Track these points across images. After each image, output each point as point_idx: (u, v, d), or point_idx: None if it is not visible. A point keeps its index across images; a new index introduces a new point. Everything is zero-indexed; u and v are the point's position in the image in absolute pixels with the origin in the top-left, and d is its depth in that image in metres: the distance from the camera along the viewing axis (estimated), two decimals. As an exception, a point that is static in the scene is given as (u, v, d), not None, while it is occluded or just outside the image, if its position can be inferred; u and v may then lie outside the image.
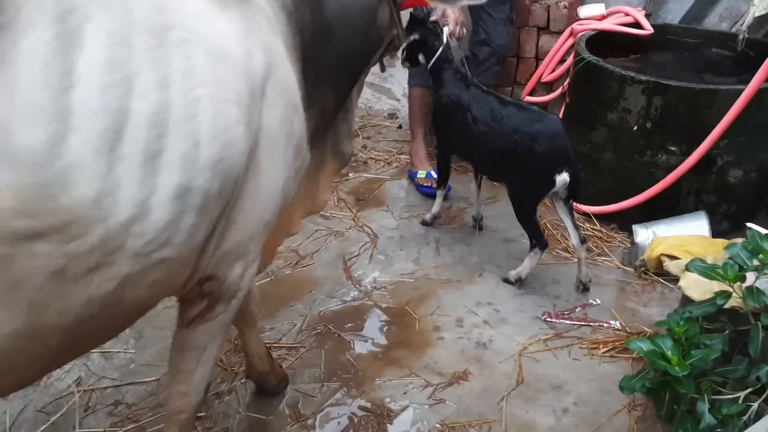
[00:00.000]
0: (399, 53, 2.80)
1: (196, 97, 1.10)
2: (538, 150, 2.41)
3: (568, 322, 2.45)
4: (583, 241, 2.55)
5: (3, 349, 0.98)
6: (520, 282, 2.62)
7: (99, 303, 1.07)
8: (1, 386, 1.07)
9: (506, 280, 2.64)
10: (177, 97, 1.08)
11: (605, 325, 2.44)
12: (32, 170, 0.94)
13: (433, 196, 3.21)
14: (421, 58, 2.80)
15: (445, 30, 2.84)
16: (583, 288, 2.58)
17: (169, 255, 1.12)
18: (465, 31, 3.01)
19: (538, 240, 2.56)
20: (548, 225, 2.95)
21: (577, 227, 2.56)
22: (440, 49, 2.71)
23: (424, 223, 3.02)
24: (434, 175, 3.28)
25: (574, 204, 2.59)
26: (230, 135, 1.13)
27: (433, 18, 2.82)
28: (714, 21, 3.50)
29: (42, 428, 1.93)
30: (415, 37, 2.77)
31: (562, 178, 2.41)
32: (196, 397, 1.54)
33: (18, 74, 0.93)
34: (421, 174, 3.32)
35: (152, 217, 1.06)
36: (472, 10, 3.32)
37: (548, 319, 2.45)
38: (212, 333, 1.46)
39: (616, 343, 2.33)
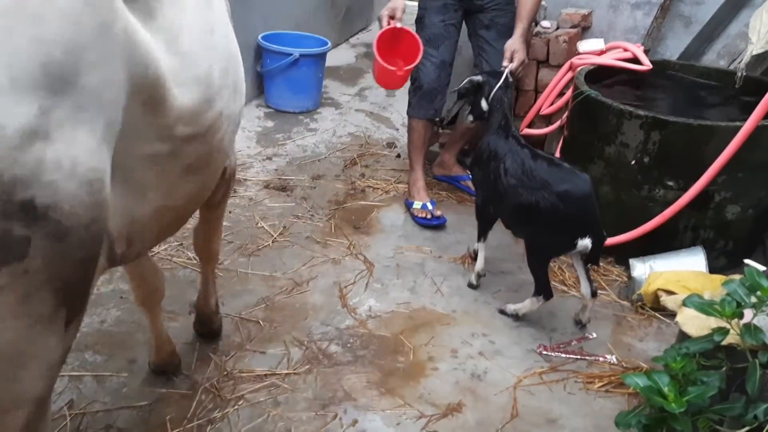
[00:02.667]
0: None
1: (236, 43, 1.62)
2: (562, 210, 2.34)
3: (564, 355, 2.43)
4: (593, 294, 2.50)
5: (145, 221, 1.34)
6: (515, 317, 2.60)
7: (198, 188, 1.55)
8: (136, 249, 1.41)
9: (502, 312, 2.63)
10: (236, 44, 1.61)
11: (601, 359, 2.42)
12: (202, 90, 1.36)
13: (429, 227, 3.20)
14: (483, 104, 2.72)
15: (511, 66, 2.90)
16: (581, 325, 2.57)
17: (231, 156, 1.78)
18: (521, 70, 3.11)
19: (544, 291, 2.50)
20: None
21: (590, 279, 2.49)
22: (497, 87, 2.69)
23: (471, 285, 2.79)
24: (430, 206, 3.26)
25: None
26: None
27: (504, 62, 2.95)
28: (712, 58, 3.54)
29: (30, 452, 1.89)
30: (478, 79, 2.74)
31: (584, 243, 2.34)
32: (220, 239, 2.31)
33: (188, 22, 1.34)
34: (417, 204, 3.30)
35: (232, 127, 1.58)
36: (475, 42, 3.35)
37: (544, 352, 2.44)
38: (227, 203, 2.18)
39: (612, 378, 2.32)
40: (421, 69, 3.24)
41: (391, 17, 3.04)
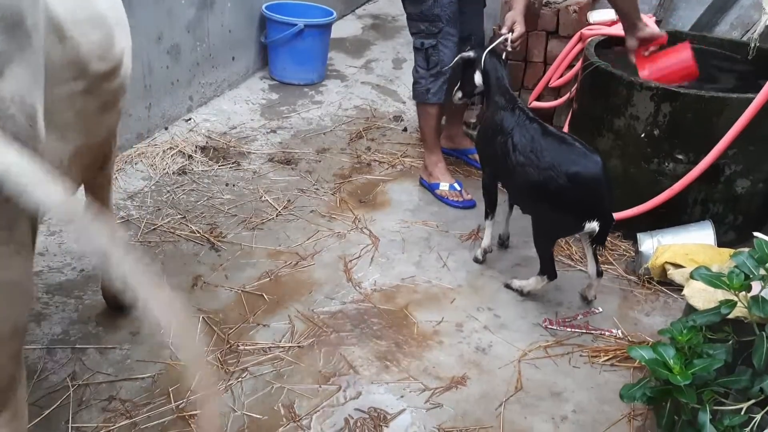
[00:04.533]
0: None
1: None
2: (571, 194, 2.27)
3: (569, 329, 2.42)
4: (599, 274, 2.47)
5: (68, 162, 1.45)
6: (520, 293, 2.58)
7: (107, 129, 1.69)
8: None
9: (508, 286, 2.61)
10: None
11: (606, 333, 2.41)
12: (105, 27, 1.48)
13: (462, 209, 3.13)
14: (477, 78, 2.68)
15: (510, 36, 2.76)
16: (587, 301, 2.55)
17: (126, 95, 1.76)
18: (518, 45, 2.90)
19: (549, 272, 2.47)
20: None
21: (597, 259, 2.46)
22: (486, 58, 2.63)
23: (476, 260, 2.79)
24: (458, 187, 3.19)
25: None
26: None
27: (504, 30, 2.78)
28: (725, 29, 3.48)
29: (34, 422, 1.90)
30: (470, 54, 2.69)
31: (591, 226, 2.28)
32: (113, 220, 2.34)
33: None
34: (444, 186, 3.20)
35: (129, 64, 1.69)
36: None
37: (549, 326, 2.42)
38: (114, 165, 2.15)
39: (617, 352, 2.30)
40: (443, 51, 3.05)
41: None
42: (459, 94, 2.83)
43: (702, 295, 1.88)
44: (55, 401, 1.98)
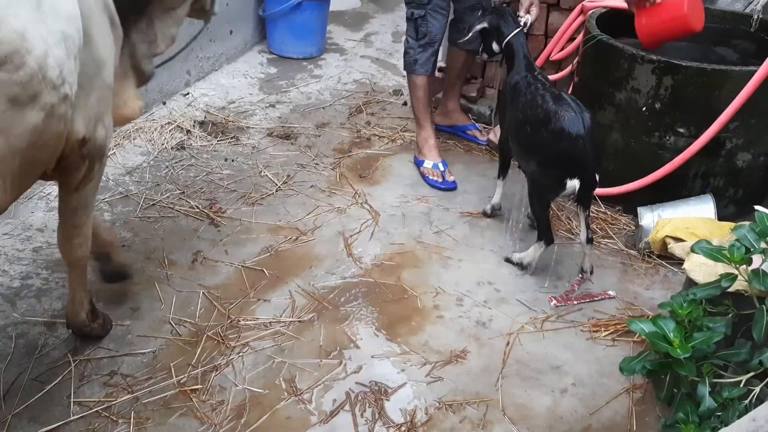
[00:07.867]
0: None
1: None
2: (554, 149, 2.32)
3: (575, 302, 2.42)
4: (589, 241, 2.48)
5: None
6: (521, 266, 2.59)
7: (36, 132, 1.43)
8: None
9: (508, 260, 2.62)
10: None
11: (606, 297, 2.45)
12: None
13: (439, 190, 3.12)
14: (495, 47, 2.71)
15: (528, 18, 2.80)
16: (583, 273, 2.54)
17: (67, 92, 1.46)
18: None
19: (546, 235, 2.49)
20: (552, 206, 2.89)
21: (588, 226, 2.47)
22: (513, 35, 2.65)
23: (485, 214, 2.89)
24: (441, 167, 3.16)
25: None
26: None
27: (521, 12, 2.78)
28: (727, 1, 3.44)
29: (36, 397, 1.92)
30: (484, 25, 2.70)
31: (572, 184, 2.32)
32: (87, 243, 1.95)
33: None
34: (428, 164, 3.18)
35: (55, 53, 1.40)
36: None
37: (558, 304, 2.42)
38: (94, 191, 1.86)
39: (618, 327, 2.31)
40: (431, 23, 3.03)
41: None
42: (485, 56, 2.86)
43: (702, 269, 1.88)
44: (56, 376, 1.99)
